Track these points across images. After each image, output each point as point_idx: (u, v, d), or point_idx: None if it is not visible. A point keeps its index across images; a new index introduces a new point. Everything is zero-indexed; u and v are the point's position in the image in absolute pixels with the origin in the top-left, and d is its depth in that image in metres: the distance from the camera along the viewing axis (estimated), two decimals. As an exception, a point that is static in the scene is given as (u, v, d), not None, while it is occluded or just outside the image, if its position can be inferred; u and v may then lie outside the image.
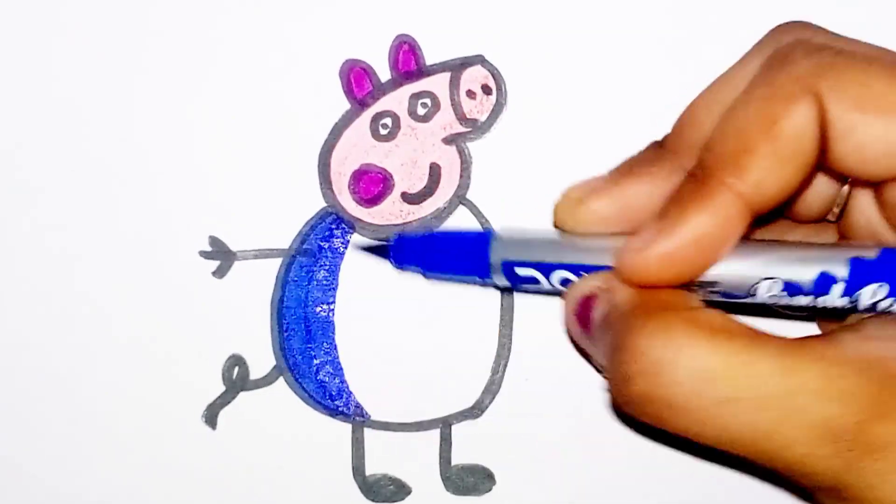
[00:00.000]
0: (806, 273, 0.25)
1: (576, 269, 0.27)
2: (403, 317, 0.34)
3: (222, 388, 0.34)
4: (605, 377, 0.25)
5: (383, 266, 0.32)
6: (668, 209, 0.25)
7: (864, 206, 0.27)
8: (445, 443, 0.34)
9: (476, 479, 0.34)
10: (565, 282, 0.28)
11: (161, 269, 0.34)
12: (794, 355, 0.23)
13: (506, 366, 0.34)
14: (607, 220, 0.27)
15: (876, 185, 0.26)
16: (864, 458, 0.22)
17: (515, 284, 0.29)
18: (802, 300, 0.26)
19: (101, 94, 0.34)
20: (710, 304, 0.25)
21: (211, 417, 0.35)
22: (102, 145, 0.34)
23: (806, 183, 0.25)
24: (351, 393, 0.34)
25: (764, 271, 0.25)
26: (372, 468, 0.35)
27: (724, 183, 0.24)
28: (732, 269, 0.25)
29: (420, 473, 0.35)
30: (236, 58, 0.34)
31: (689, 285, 0.25)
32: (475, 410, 0.34)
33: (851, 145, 0.23)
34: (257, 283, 0.34)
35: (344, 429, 0.35)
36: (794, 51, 0.24)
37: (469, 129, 0.34)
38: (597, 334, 0.26)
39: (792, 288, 0.25)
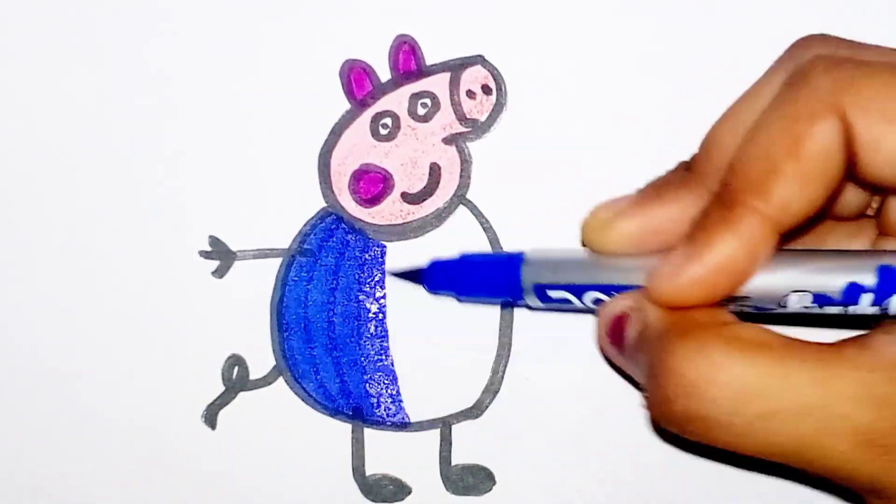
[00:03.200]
0: (834, 283, 0.25)
1: (607, 289, 0.28)
2: (403, 317, 0.34)
3: (222, 389, 0.34)
4: (643, 395, 0.26)
5: (382, 266, 0.32)
6: (696, 234, 0.25)
7: None
8: (445, 443, 0.34)
9: (476, 479, 0.34)
10: (597, 301, 0.28)
11: (161, 269, 0.34)
12: (829, 364, 0.23)
13: (506, 366, 0.34)
14: (635, 242, 0.27)
15: None
16: None
17: (549, 305, 0.30)
18: (833, 310, 0.26)
19: (101, 93, 0.34)
20: (745, 317, 0.25)
21: (211, 417, 0.35)
22: (102, 145, 0.34)
23: (834, 197, 0.25)
24: (351, 393, 0.34)
25: (793, 284, 0.25)
26: (372, 468, 0.35)
27: (749, 206, 0.24)
28: (762, 284, 0.25)
29: (420, 473, 0.35)
30: (236, 58, 0.34)
31: (721, 302, 0.26)
32: (475, 410, 0.34)
33: (881, 157, 0.23)
34: (257, 283, 0.34)
35: (344, 429, 0.35)
36: (814, 67, 0.24)
37: (469, 129, 0.34)
38: (630, 353, 0.27)
39: (822, 299, 0.25)
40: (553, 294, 0.29)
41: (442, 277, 0.32)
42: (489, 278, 0.31)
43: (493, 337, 0.34)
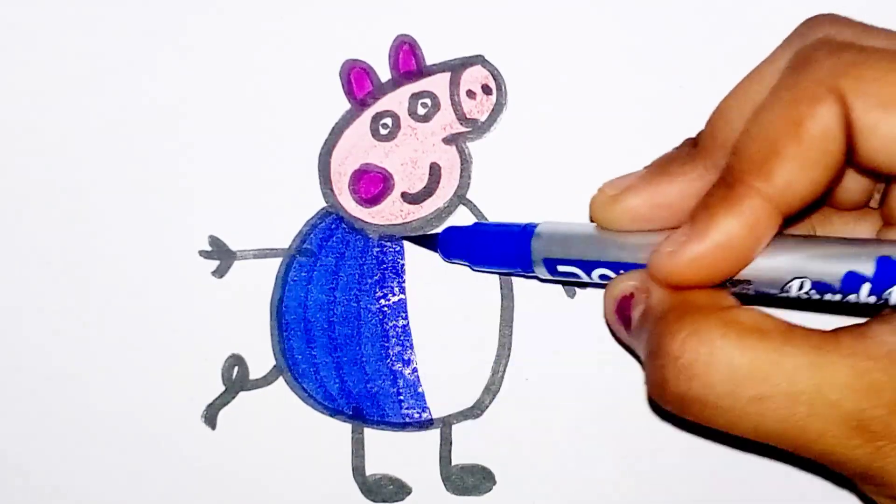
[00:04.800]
0: (834, 272, 0.25)
1: (615, 266, 0.28)
2: (403, 317, 0.34)
3: (222, 388, 0.34)
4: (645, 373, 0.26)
5: (382, 266, 0.32)
6: (698, 213, 0.25)
7: None
8: (445, 443, 0.34)
9: (476, 479, 0.34)
10: (604, 277, 0.29)
11: (161, 269, 0.34)
12: (824, 351, 0.23)
13: (506, 366, 0.34)
14: (642, 218, 0.28)
15: None
16: (894, 449, 0.23)
17: (558, 278, 0.30)
18: (833, 297, 0.26)
19: (101, 93, 0.34)
20: (749, 300, 0.25)
21: (211, 417, 0.35)
22: (103, 145, 0.34)
23: (836, 181, 0.25)
24: (351, 393, 0.34)
25: (793, 270, 0.26)
26: (372, 468, 0.35)
27: (752, 187, 0.24)
28: (762, 269, 0.26)
29: (420, 473, 0.35)
30: (237, 58, 0.34)
31: (724, 283, 0.26)
32: (475, 410, 0.34)
33: (877, 143, 0.23)
34: (257, 282, 0.34)
35: (344, 429, 0.35)
36: (817, 51, 0.24)
37: (469, 129, 0.34)
38: (635, 333, 0.27)
39: (821, 286, 0.25)
40: (562, 269, 0.29)
41: (456, 245, 0.33)
42: (501, 249, 0.31)
43: (493, 337, 0.34)
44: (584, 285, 0.33)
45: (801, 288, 0.26)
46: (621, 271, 0.28)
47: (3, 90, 0.34)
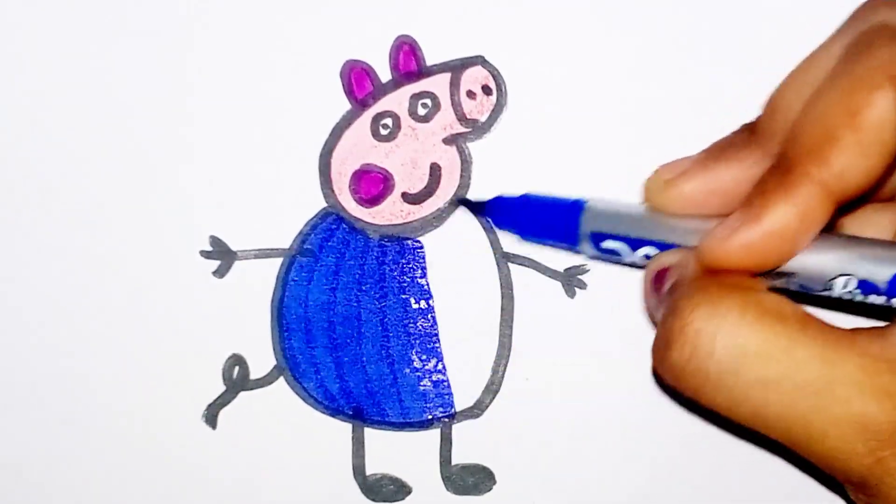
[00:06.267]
0: (881, 273, 0.25)
1: (662, 246, 0.28)
2: (403, 317, 0.34)
3: (222, 388, 0.34)
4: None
5: (382, 266, 0.32)
6: (753, 198, 0.25)
7: None
8: (446, 442, 0.35)
9: (476, 478, 0.35)
10: (648, 257, 0.28)
11: (161, 269, 0.34)
12: (838, 346, 0.23)
13: (506, 366, 0.34)
14: (696, 202, 0.27)
15: None
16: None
17: (602, 254, 0.29)
18: (877, 299, 0.25)
19: (101, 93, 0.34)
20: (790, 297, 0.25)
21: (211, 417, 0.35)
22: (103, 145, 0.34)
23: (891, 170, 0.25)
24: (351, 393, 0.34)
25: (840, 267, 0.25)
26: (372, 468, 0.35)
27: (807, 174, 0.24)
28: (809, 262, 0.25)
29: (420, 473, 0.35)
30: (237, 58, 0.34)
31: (768, 274, 0.25)
32: (475, 410, 0.34)
33: None
34: (258, 282, 0.34)
35: (344, 429, 0.35)
36: (875, 37, 0.24)
37: (469, 130, 0.34)
38: (661, 302, 0.26)
39: (867, 286, 0.25)
40: (607, 245, 0.29)
41: (504, 214, 0.32)
42: (549, 220, 0.31)
43: (494, 337, 0.34)
44: (623, 265, 0.32)
45: (845, 286, 0.25)
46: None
47: (2, 90, 0.34)
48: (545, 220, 0.31)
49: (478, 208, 0.33)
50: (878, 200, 0.29)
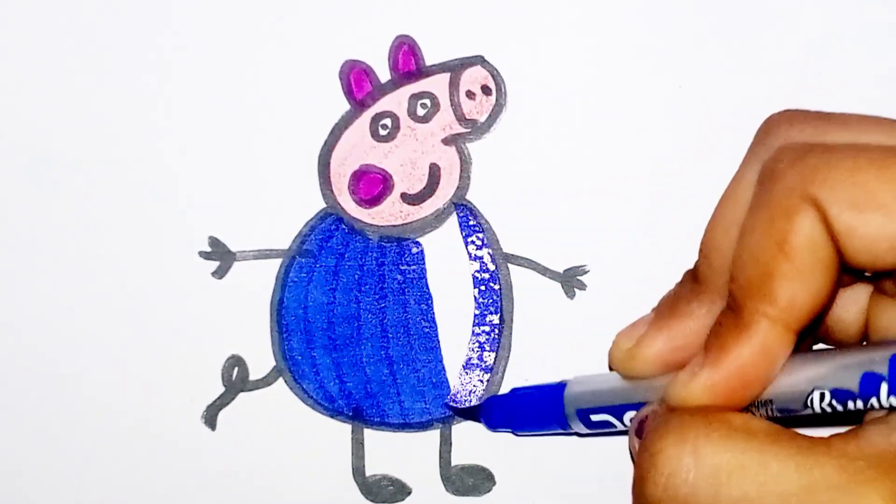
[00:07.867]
0: (850, 378, 0.24)
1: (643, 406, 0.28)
2: (403, 317, 0.34)
3: (222, 389, 0.34)
4: None
5: (382, 267, 0.32)
6: (710, 344, 0.25)
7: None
8: (445, 443, 0.35)
9: (476, 479, 0.35)
10: None
11: (161, 270, 0.34)
12: (813, 452, 0.23)
13: (506, 366, 0.34)
14: (663, 362, 0.27)
15: None
16: None
17: (595, 429, 0.30)
18: (857, 405, 0.25)
19: (101, 94, 0.34)
20: (778, 422, 0.25)
21: (210, 418, 0.35)
22: (102, 146, 0.34)
23: (840, 283, 0.25)
24: (351, 394, 0.34)
25: (811, 383, 0.25)
26: (372, 468, 0.35)
27: (757, 310, 0.24)
28: (782, 385, 0.25)
29: (420, 474, 0.35)
30: (236, 58, 0.34)
31: (747, 408, 0.25)
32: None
33: (858, 243, 0.23)
34: (257, 283, 0.34)
35: (344, 429, 0.35)
36: (780, 161, 0.24)
37: (469, 130, 0.34)
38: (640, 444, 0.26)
39: (841, 394, 0.25)
40: (596, 418, 0.30)
41: (498, 414, 0.33)
42: (537, 408, 0.32)
43: (494, 337, 0.34)
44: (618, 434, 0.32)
45: (822, 400, 0.25)
46: None
47: (2, 91, 0.34)
48: (534, 409, 0.32)
49: (471, 413, 0.34)
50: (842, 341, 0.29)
